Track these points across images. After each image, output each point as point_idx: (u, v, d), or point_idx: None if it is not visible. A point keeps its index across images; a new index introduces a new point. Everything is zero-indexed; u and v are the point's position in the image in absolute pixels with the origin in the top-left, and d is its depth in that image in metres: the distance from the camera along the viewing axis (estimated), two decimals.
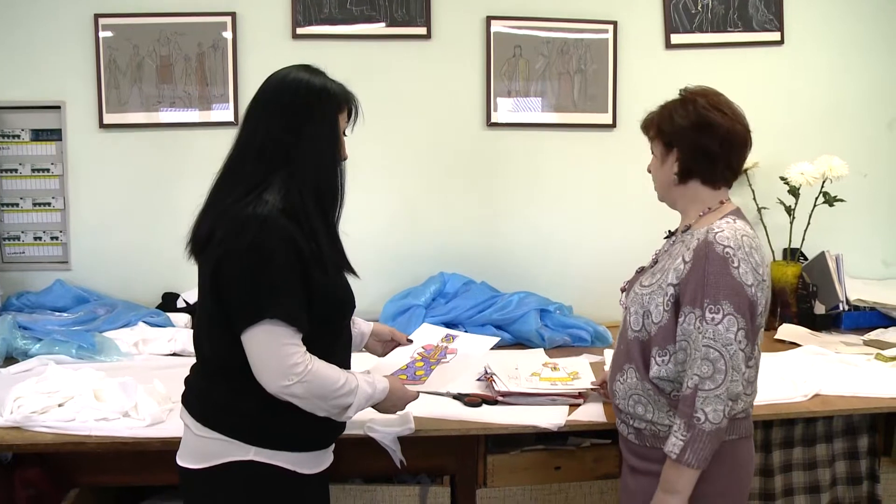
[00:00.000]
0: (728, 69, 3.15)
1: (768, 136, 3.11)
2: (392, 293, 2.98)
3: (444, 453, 2.13)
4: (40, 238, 3.04)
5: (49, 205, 3.03)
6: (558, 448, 2.20)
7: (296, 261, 1.51)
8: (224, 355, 1.56)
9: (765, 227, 3.10)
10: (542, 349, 2.75)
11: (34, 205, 3.03)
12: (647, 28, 3.15)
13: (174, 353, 2.65)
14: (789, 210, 3.04)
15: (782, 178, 3.02)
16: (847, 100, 3.23)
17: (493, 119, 3.10)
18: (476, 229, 3.15)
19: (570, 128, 3.15)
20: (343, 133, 1.65)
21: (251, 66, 2.99)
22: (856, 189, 3.10)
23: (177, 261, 2.95)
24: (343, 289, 1.66)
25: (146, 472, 2.07)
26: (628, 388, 1.74)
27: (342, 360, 1.69)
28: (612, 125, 3.15)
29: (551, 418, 2.06)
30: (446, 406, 2.11)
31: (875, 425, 2.38)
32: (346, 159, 1.67)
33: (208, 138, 2.99)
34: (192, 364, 1.71)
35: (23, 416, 1.96)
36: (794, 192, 3.00)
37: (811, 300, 3.03)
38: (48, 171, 3.01)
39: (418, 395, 1.84)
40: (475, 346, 2.14)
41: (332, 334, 1.66)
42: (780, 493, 2.34)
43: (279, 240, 1.49)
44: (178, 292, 3.00)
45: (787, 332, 2.90)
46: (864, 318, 3.01)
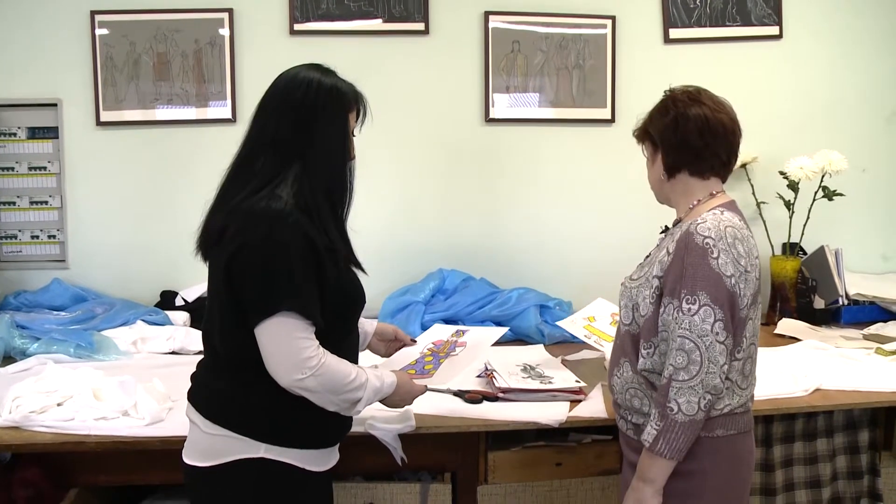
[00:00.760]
0: (727, 64, 3.15)
1: (767, 130, 3.12)
2: (391, 290, 2.97)
3: (444, 450, 2.12)
4: (37, 236, 3.03)
5: (46, 203, 3.01)
6: (559, 444, 2.19)
7: (310, 255, 1.52)
8: (236, 350, 1.56)
9: (764, 221, 3.10)
10: (541, 345, 2.75)
11: (31, 203, 3.01)
12: (645, 23, 3.14)
13: (173, 352, 2.64)
14: (788, 205, 3.03)
15: (781, 173, 3.02)
16: (846, 94, 3.22)
17: (491, 115, 3.10)
18: (475, 225, 3.15)
19: (568, 123, 3.15)
20: (352, 133, 1.65)
21: (249, 62, 2.98)
22: (855, 183, 3.09)
23: (175, 258, 3.00)
24: (354, 284, 1.67)
25: (146, 472, 2.06)
26: (625, 383, 1.75)
27: (352, 356, 1.69)
28: (611, 120, 3.14)
29: (552, 414, 2.06)
30: (447, 403, 2.11)
31: (875, 419, 2.38)
32: (354, 159, 1.67)
33: (206, 135, 2.98)
34: (198, 360, 1.71)
35: (21, 416, 1.95)
36: (794, 186, 3.00)
37: (810, 295, 3.03)
38: (45, 169, 3.00)
39: (426, 389, 1.84)
40: (484, 337, 2.15)
41: (344, 329, 1.66)
42: (780, 488, 2.34)
43: (294, 234, 1.50)
44: (177, 290, 2.99)
45: (787, 326, 2.90)
46: (864, 313, 3.01)
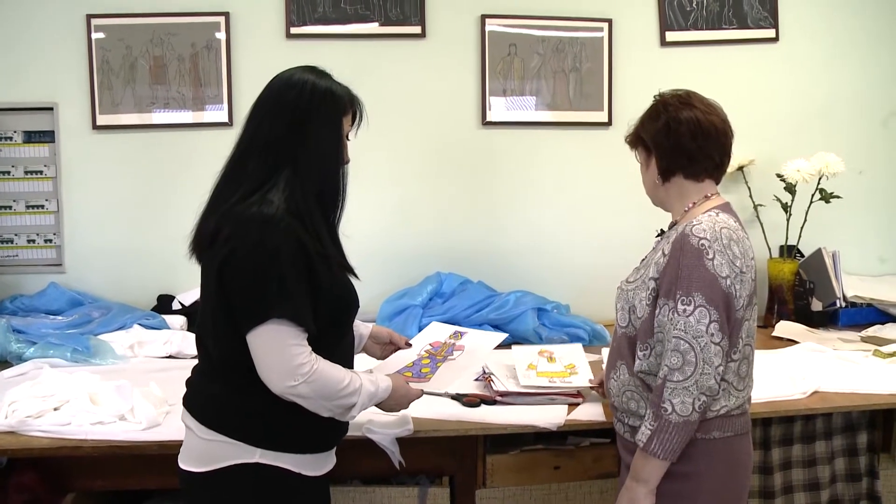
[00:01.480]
0: (723, 66, 3.15)
1: (764, 133, 3.13)
2: (388, 293, 2.97)
3: (442, 454, 2.12)
4: (34, 241, 3.02)
5: (42, 207, 3.01)
6: (557, 448, 2.19)
7: (302, 260, 1.51)
8: (229, 356, 1.55)
9: (761, 224, 3.10)
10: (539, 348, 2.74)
11: (27, 207, 3.01)
12: (642, 26, 3.14)
13: (170, 356, 2.63)
14: (786, 207, 3.04)
15: (778, 176, 3.02)
16: (842, 96, 3.23)
17: (488, 118, 3.10)
18: (472, 228, 3.14)
19: (565, 126, 3.15)
20: (346, 137, 1.64)
21: (245, 66, 2.98)
22: (852, 186, 3.10)
23: (172, 262, 2.98)
24: (347, 288, 1.66)
25: (143, 476, 2.04)
26: (621, 385, 1.75)
27: (346, 360, 1.68)
28: (608, 123, 3.14)
29: (550, 418, 2.06)
30: (445, 406, 2.10)
31: (874, 422, 2.38)
32: (348, 163, 1.66)
33: (202, 139, 2.98)
34: (193, 365, 1.70)
35: (18, 421, 1.95)
36: (791, 189, 3.00)
37: (808, 297, 3.03)
38: (41, 173, 2.99)
39: (422, 393, 1.83)
40: (482, 343, 2.13)
41: (337, 334, 1.65)
42: (779, 491, 2.34)
43: (285, 239, 1.49)
44: (174, 294, 2.98)
45: (785, 328, 2.90)
46: (861, 315, 3.01)
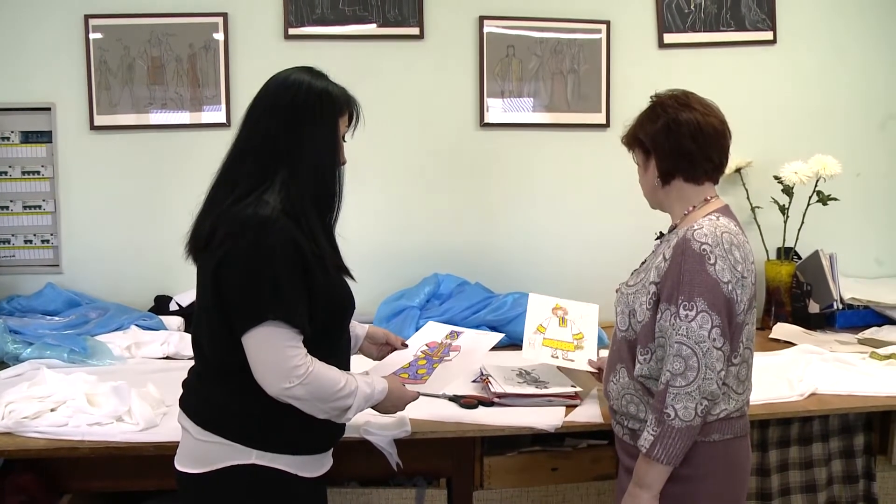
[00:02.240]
0: (721, 68, 3.15)
1: (761, 135, 3.13)
2: (386, 294, 2.96)
3: (440, 455, 2.12)
4: (31, 241, 3.02)
5: (40, 207, 3.00)
6: (555, 449, 2.19)
7: (298, 262, 1.50)
8: (225, 357, 1.55)
9: (759, 226, 3.10)
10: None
11: (24, 207, 3.00)
12: (640, 27, 3.15)
13: (167, 357, 2.63)
14: (783, 209, 3.04)
15: (776, 178, 3.02)
16: (839, 99, 3.24)
17: (486, 119, 3.10)
18: (470, 230, 3.14)
19: (563, 128, 3.15)
20: (343, 138, 1.64)
21: (243, 67, 2.98)
22: (849, 188, 3.11)
23: (169, 263, 2.97)
24: (343, 289, 1.66)
25: (140, 478, 2.04)
26: (621, 388, 1.75)
27: (343, 361, 1.68)
28: (606, 125, 3.14)
29: (548, 419, 2.06)
30: (442, 408, 2.10)
31: (871, 424, 2.38)
32: (344, 164, 1.65)
33: (200, 140, 2.98)
34: (189, 367, 1.70)
35: (14, 422, 1.94)
36: (788, 191, 3.01)
37: (805, 299, 3.03)
38: (38, 173, 2.99)
39: (418, 395, 1.83)
40: (479, 343, 2.13)
41: (334, 335, 1.65)
42: (776, 493, 2.34)
43: (281, 241, 1.48)
44: (171, 295, 2.98)
45: (782, 331, 2.91)
46: (859, 317, 3.02)
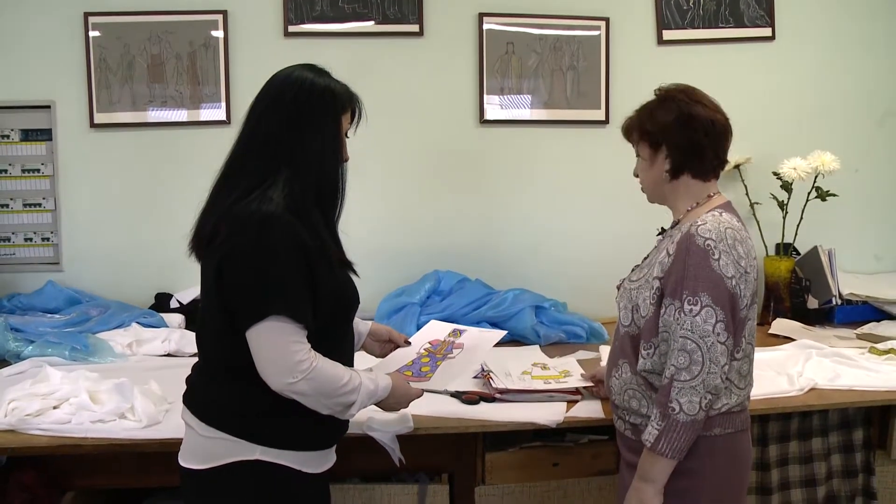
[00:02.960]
0: (720, 65, 3.16)
1: (760, 131, 3.14)
2: (386, 291, 2.97)
3: (442, 451, 2.12)
4: (31, 239, 3.02)
5: (40, 205, 3.00)
6: (556, 445, 2.20)
7: (301, 258, 1.51)
8: (229, 353, 1.55)
9: (757, 222, 3.11)
10: (537, 346, 2.75)
11: (24, 205, 3.00)
12: (639, 24, 3.15)
13: (168, 354, 2.63)
14: (782, 205, 3.05)
15: (775, 174, 3.03)
16: (838, 95, 3.24)
17: (485, 116, 3.10)
18: (470, 226, 3.15)
19: (562, 124, 3.15)
20: (346, 135, 1.64)
21: (243, 64, 2.98)
22: (847, 184, 3.11)
23: (170, 261, 2.99)
24: (347, 286, 1.66)
25: (143, 474, 2.05)
26: (623, 383, 1.76)
27: (347, 357, 1.69)
28: (605, 121, 3.15)
29: (550, 415, 2.06)
30: (444, 404, 2.11)
31: (870, 418, 2.39)
32: (347, 160, 1.66)
33: (200, 138, 2.98)
34: (193, 363, 1.71)
35: (17, 419, 1.95)
36: (787, 187, 3.01)
37: (804, 294, 3.05)
38: (38, 171, 2.99)
39: (422, 392, 1.83)
40: (482, 341, 2.13)
41: (338, 331, 1.66)
42: (776, 487, 2.35)
43: (285, 237, 1.49)
44: (172, 292, 2.98)
45: (781, 326, 2.92)
46: (857, 312, 3.03)
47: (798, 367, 2.41)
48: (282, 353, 1.48)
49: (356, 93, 1.66)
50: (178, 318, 2.85)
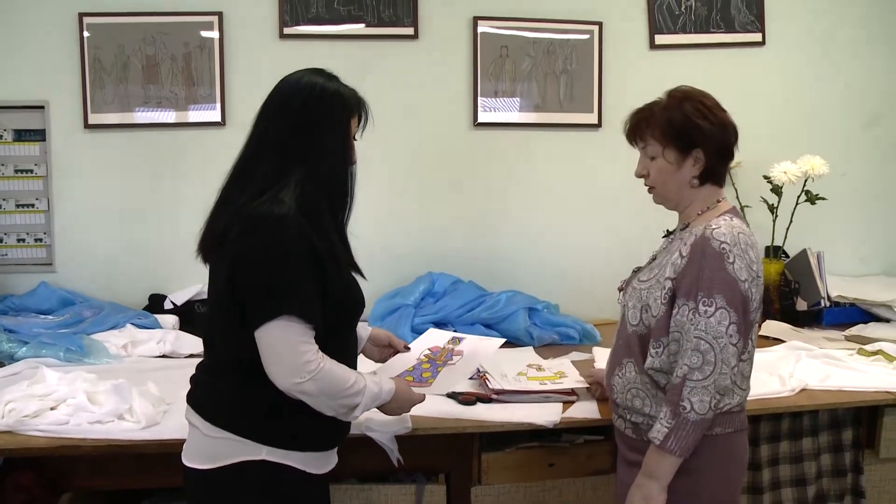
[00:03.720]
0: (711, 70, 3.19)
1: (751, 135, 3.10)
2: (380, 293, 2.98)
3: (439, 452, 2.13)
4: (24, 240, 3.01)
5: (33, 206, 2.99)
6: (552, 445, 2.21)
7: (312, 260, 1.53)
8: (238, 353, 1.56)
9: (748, 225, 3.13)
10: (530, 347, 2.77)
11: (17, 206, 2.99)
12: (631, 29, 3.19)
13: (163, 356, 2.63)
14: (772, 208, 3.09)
15: (765, 177, 3.07)
16: (826, 100, 3.29)
17: (479, 119, 3.12)
18: (463, 229, 3.17)
19: (555, 127, 3.18)
20: (353, 138, 1.67)
21: (238, 66, 2.98)
22: (835, 188, 3.16)
23: (163, 262, 2.99)
24: (354, 288, 1.68)
25: (141, 475, 2.05)
26: (626, 383, 1.77)
27: (350, 360, 1.70)
28: (598, 125, 3.18)
29: (547, 415, 2.08)
30: (441, 405, 2.12)
31: (859, 418, 2.43)
32: (355, 163, 1.68)
33: (195, 139, 2.98)
34: (190, 363, 1.71)
35: (15, 420, 1.94)
36: (777, 190, 3.05)
37: (793, 297, 3.08)
38: (31, 171, 2.98)
39: (424, 397, 1.84)
40: (482, 348, 2.15)
41: (344, 334, 1.67)
42: (767, 486, 2.38)
43: (296, 238, 1.51)
44: (165, 293, 2.98)
45: (771, 328, 2.95)
46: (845, 314, 3.07)
47: (789, 367, 2.44)
48: (290, 352, 1.50)
49: (363, 97, 1.68)
50: (172, 320, 2.85)
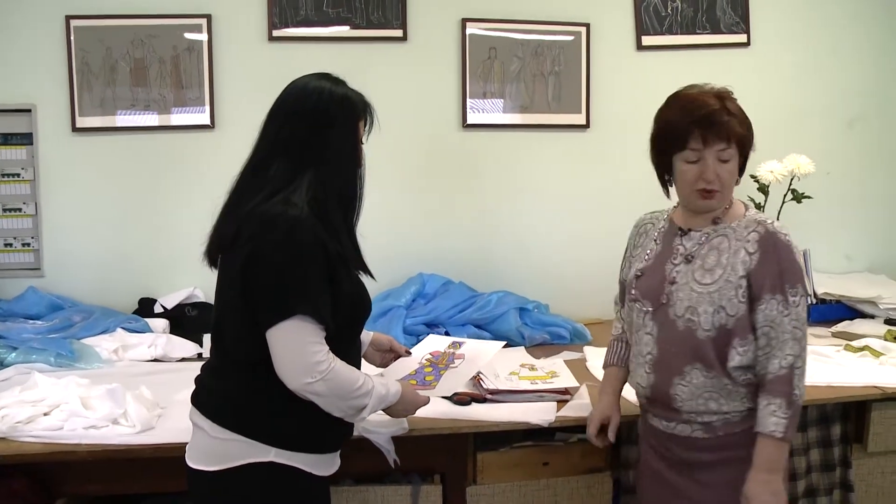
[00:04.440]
0: (697, 70, 3.18)
1: None
2: (372, 295, 2.96)
3: (434, 452, 2.14)
4: (11, 244, 2.98)
5: (20, 210, 2.97)
6: (546, 444, 2.23)
7: (324, 261, 1.54)
8: (249, 354, 1.57)
9: None
10: (522, 347, 2.79)
11: (4, 210, 2.96)
12: (618, 30, 3.21)
13: (155, 359, 2.63)
14: (759, 207, 3.11)
15: (752, 177, 3.10)
16: (810, 100, 3.33)
17: (468, 120, 3.13)
18: (453, 230, 3.18)
19: (544, 128, 3.20)
20: (360, 141, 1.68)
21: (227, 68, 2.97)
22: (820, 186, 3.19)
23: (153, 266, 2.98)
24: (363, 291, 1.70)
25: (135, 480, 2.04)
26: (696, 389, 1.74)
27: (355, 363, 1.71)
28: (586, 125, 3.20)
29: (541, 414, 2.10)
30: (437, 405, 2.11)
31: (847, 414, 2.46)
32: (363, 166, 1.70)
33: (184, 142, 2.96)
34: (203, 364, 1.73)
35: (8, 427, 1.93)
36: (764, 189, 3.08)
37: None
38: (19, 175, 2.95)
39: (429, 400, 1.86)
40: (481, 352, 2.15)
41: (351, 337, 1.69)
42: None
43: (309, 239, 1.52)
44: (155, 297, 2.96)
45: None
46: (831, 311, 3.11)
47: None
48: (301, 352, 1.51)
49: (369, 100, 1.71)
50: (162, 323, 2.84)
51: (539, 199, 3.22)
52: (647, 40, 3.21)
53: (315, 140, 1.59)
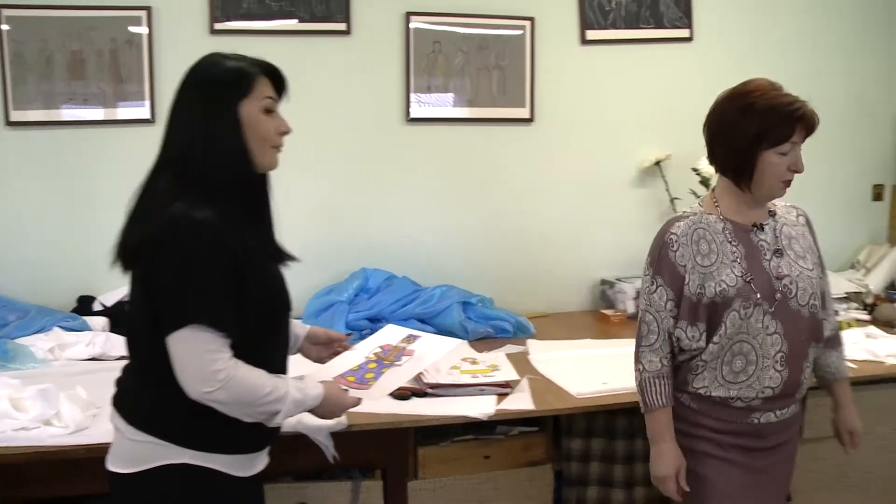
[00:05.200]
0: (641, 64, 3.26)
1: (679, 129, 3.25)
2: (314, 290, 2.97)
3: (374, 447, 2.15)
4: None
5: None
6: (487, 437, 2.25)
7: (226, 263, 1.49)
8: (156, 358, 1.52)
9: None
10: (465, 341, 2.79)
11: None
12: (563, 24, 3.23)
13: (93, 358, 2.58)
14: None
15: (694, 170, 3.15)
16: None
17: (412, 114, 3.13)
18: (397, 224, 3.17)
19: (488, 122, 3.21)
20: (273, 107, 1.61)
21: (168, 62, 2.92)
22: None
23: (92, 263, 2.88)
24: (279, 291, 1.65)
25: (70, 482, 1.99)
26: (811, 366, 1.92)
27: (277, 363, 1.67)
28: (530, 119, 3.21)
29: (481, 408, 2.11)
30: (376, 400, 2.13)
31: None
32: (286, 133, 1.63)
33: (123, 136, 2.91)
34: (119, 366, 1.68)
35: None
36: (705, 182, 3.13)
37: None
38: None
39: (360, 401, 1.81)
40: (434, 349, 2.10)
41: (269, 335, 1.64)
42: None
43: (208, 242, 1.47)
44: (94, 295, 2.91)
45: None
46: None
47: None
48: (199, 361, 1.47)
49: (263, 60, 1.63)
50: (101, 322, 2.79)
51: (483, 193, 3.23)
52: (592, 34, 3.23)
53: (201, 131, 1.52)
